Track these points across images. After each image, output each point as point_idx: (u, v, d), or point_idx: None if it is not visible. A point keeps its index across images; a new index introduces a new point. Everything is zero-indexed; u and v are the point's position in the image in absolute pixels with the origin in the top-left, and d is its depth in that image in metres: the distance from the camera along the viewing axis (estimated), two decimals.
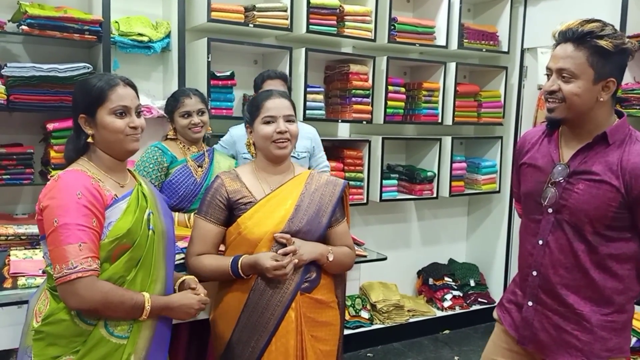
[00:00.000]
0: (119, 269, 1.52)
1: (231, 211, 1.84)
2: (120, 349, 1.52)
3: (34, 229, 2.56)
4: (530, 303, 1.74)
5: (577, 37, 1.55)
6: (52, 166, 2.65)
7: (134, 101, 1.62)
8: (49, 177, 2.65)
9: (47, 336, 1.49)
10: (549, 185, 1.68)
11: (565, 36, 1.58)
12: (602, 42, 1.53)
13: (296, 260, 1.78)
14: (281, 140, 1.84)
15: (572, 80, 1.57)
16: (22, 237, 2.54)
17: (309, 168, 2.92)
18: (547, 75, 1.64)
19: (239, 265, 1.77)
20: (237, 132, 2.83)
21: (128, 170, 1.71)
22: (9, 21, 2.67)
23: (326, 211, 1.89)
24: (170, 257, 1.69)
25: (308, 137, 2.96)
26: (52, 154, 2.65)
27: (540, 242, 1.71)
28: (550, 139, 1.75)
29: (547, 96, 1.63)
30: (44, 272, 1.70)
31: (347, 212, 2.01)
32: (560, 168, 1.67)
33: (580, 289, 1.64)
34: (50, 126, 2.63)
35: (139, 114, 1.64)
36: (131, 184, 1.66)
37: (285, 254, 1.76)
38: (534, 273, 1.72)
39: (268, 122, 1.84)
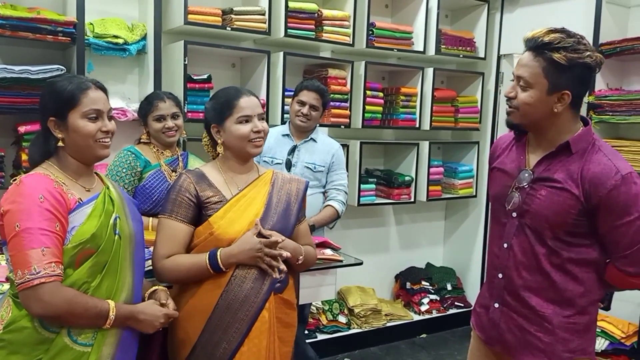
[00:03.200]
0: (83, 274, 1.49)
1: (200, 210, 1.79)
2: (84, 357, 1.49)
3: None
4: (496, 305, 1.79)
5: (536, 47, 1.59)
6: (24, 169, 2.61)
7: (105, 105, 1.60)
8: (11, 181, 2.61)
9: (9, 344, 1.45)
10: (514, 190, 1.73)
11: (528, 45, 1.62)
12: (556, 56, 1.54)
13: (285, 253, 1.76)
14: (258, 139, 1.83)
15: (527, 89, 1.61)
16: None
17: (326, 184, 2.94)
18: (512, 80, 1.69)
19: (219, 258, 1.72)
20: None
21: (96, 173, 1.69)
22: None
23: (293, 209, 1.90)
24: (138, 262, 1.66)
25: (330, 151, 2.95)
26: (24, 157, 2.60)
27: (505, 245, 1.75)
28: (519, 145, 1.79)
29: (506, 101, 1.69)
30: (7, 278, 1.66)
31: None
32: (525, 174, 1.71)
33: (542, 291, 1.68)
34: (22, 129, 2.59)
35: (110, 118, 1.62)
36: (98, 187, 1.64)
37: (270, 245, 1.75)
38: (500, 275, 1.77)
39: (243, 122, 1.82)
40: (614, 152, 1.63)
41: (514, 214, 1.72)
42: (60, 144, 1.54)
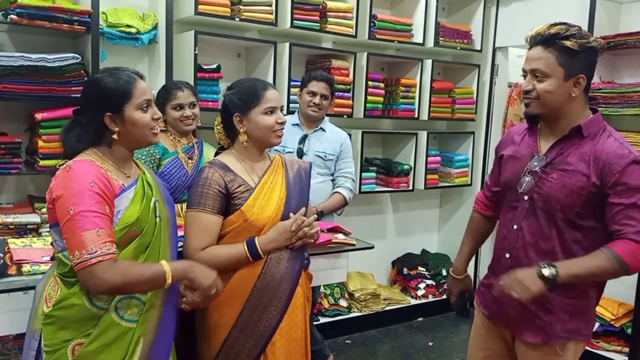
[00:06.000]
0: (128, 255, 1.57)
1: (227, 200, 1.85)
2: (130, 332, 1.58)
3: (22, 219, 2.57)
4: (501, 282, 1.87)
5: (545, 39, 1.71)
6: (40, 156, 2.65)
7: (151, 93, 1.68)
8: (57, 166, 2.64)
9: (58, 320, 1.53)
10: (526, 174, 1.83)
11: (535, 40, 1.74)
12: (568, 43, 1.68)
13: (317, 228, 1.90)
14: (280, 130, 1.92)
15: (545, 79, 1.72)
16: (10, 227, 2.54)
17: (334, 172, 3.04)
18: (523, 76, 1.80)
19: (258, 246, 1.81)
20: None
21: (132, 159, 1.76)
22: None
23: (306, 189, 2.01)
24: (174, 243, 1.75)
25: (339, 140, 3.05)
26: (40, 143, 2.65)
27: (515, 226, 1.85)
28: (531, 134, 1.90)
29: (524, 95, 1.79)
30: (52, 258, 1.73)
31: None
32: (538, 158, 1.81)
33: None
34: (39, 116, 2.62)
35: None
36: (135, 173, 1.71)
37: (299, 228, 1.87)
38: (507, 255, 1.88)
39: (269, 113, 1.89)
40: (623, 138, 1.75)
41: (526, 197, 1.82)
42: (115, 136, 1.60)
